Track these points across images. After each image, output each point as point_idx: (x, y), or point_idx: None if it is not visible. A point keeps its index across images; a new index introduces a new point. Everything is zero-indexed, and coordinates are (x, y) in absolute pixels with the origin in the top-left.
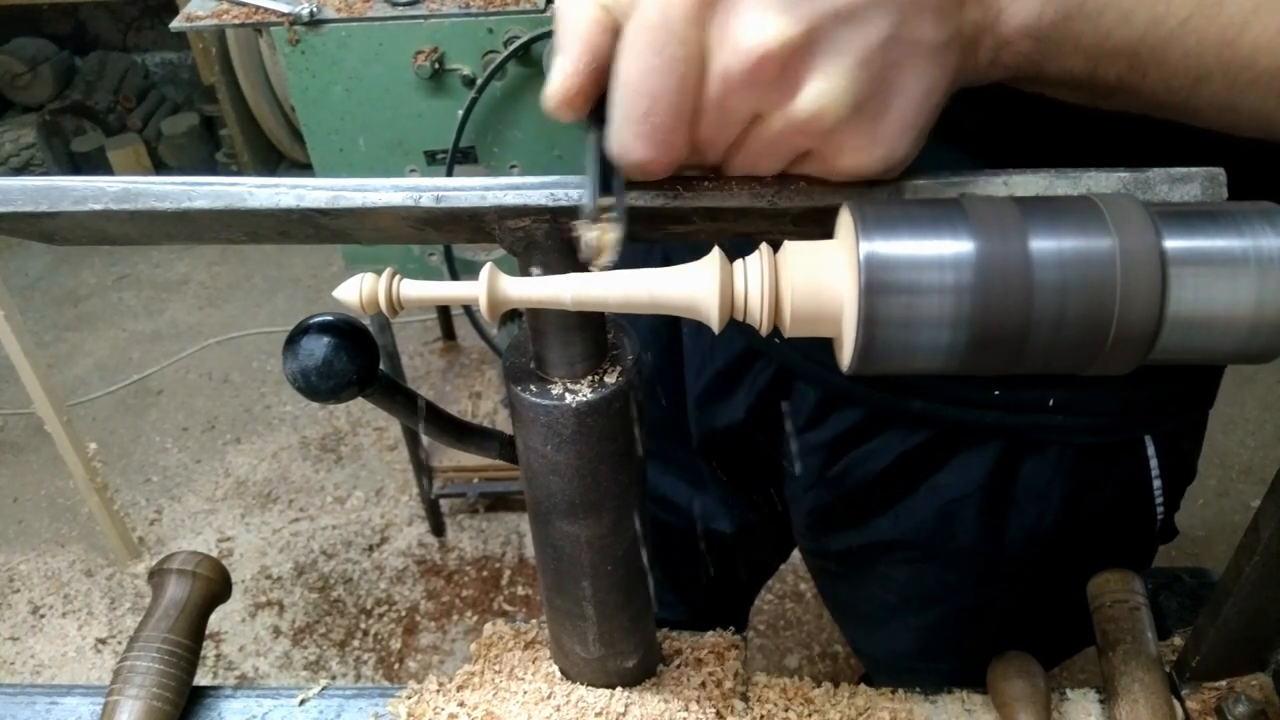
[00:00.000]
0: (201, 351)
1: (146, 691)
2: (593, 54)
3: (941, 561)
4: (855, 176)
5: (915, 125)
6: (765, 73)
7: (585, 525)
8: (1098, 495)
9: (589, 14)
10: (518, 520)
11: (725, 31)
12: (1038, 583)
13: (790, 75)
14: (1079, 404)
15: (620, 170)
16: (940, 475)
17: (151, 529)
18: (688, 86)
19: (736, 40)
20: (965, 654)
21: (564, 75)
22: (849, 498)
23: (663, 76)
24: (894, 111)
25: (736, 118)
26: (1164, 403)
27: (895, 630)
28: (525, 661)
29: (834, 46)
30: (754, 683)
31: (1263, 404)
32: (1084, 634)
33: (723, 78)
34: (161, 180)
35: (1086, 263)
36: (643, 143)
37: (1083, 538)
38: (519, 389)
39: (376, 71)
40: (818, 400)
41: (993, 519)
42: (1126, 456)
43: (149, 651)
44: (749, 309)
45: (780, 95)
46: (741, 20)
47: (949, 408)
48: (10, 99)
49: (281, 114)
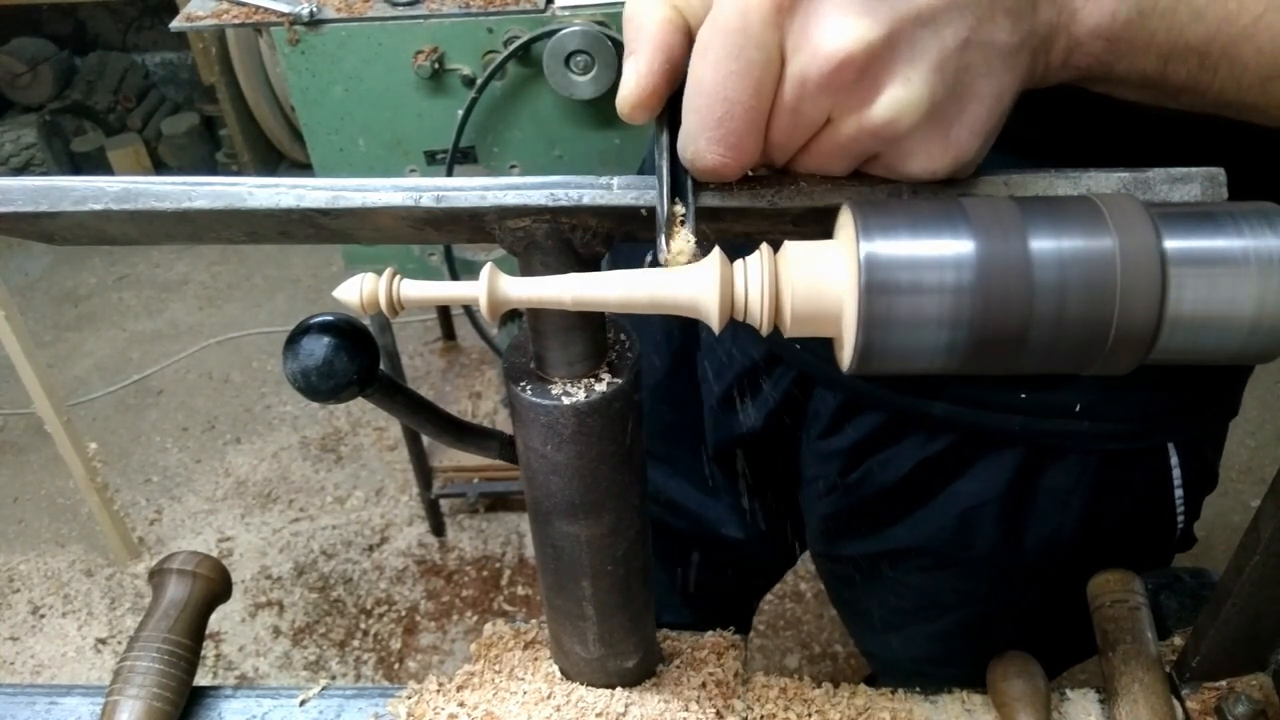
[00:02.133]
0: (201, 351)
1: (147, 691)
2: (666, 55)
3: (958, 569)
4: (923, 179)
5: (986, 129)
6: (844, 77)
7: (585, 525)
8: (1119, 503)
9: (661, 14)
10: (518, 520)
11: (805, 35)
12: (1054, 590)
13: (868, 80)
14: (1104, 409)
15: (691, 173)
16: (960, 482)
17: (151, 529)
18: (765, 91)
19: (816, 44)
20: (978, 659)
21: (638, 77)
22: (868, 504)
23: (740, 81)
24: (967, 115)
25: (810, 120)
26: (1189, 409)
27: (908, 635)
28: (525, 661)
29: (913, 51)
30: (754, 683)
31: (1263, 404)
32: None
33: (800, 82)
34: (161, 180)
35: (1086, 263)
36: (718, 147)
37: (1102, 546)
38: (519, 389)
39: (376, 71)
40: (838, 405)
41: (1012, 527)
42: (1149, 464)
43: (149, 651)
44: (749, 309)
45: (857, 100)
46: (822, 24)
47: (973, 411)
48: (10, 99)
49: (281, 114)
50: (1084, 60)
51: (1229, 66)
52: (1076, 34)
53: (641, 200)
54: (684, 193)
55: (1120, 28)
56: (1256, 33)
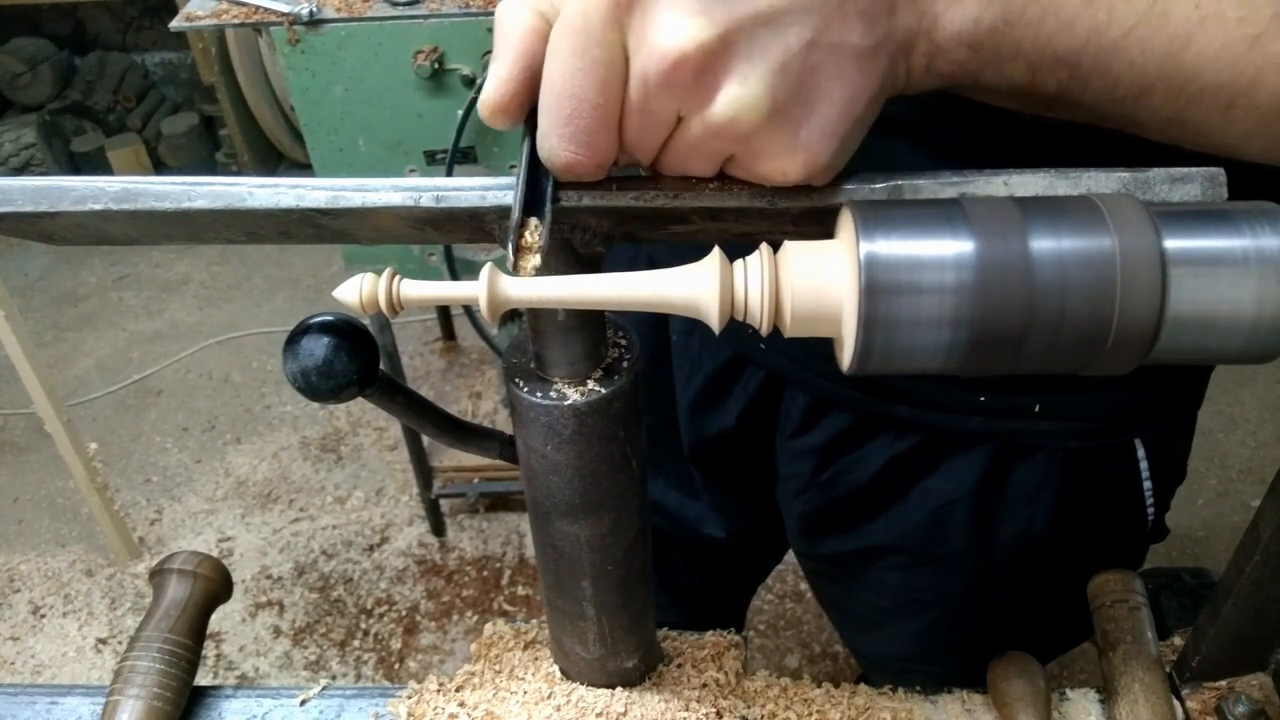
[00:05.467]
0: (201, 351)
1: (147, 692)
2: (526, 61)
3: (934, 566)
4: (776, 182)
5: (839, 132)
6: (681, 75)
7: (585, 525)
8: (1088, 498)
9: (524, 21)
10: (518, 520)
11: (642, 34)
12: (1030, 585)
13: (707, 78)
14: (1065, 409)
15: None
16: (931, 480)
17: (152, 529)
18: (611, 89)
19: (653, 43)
20: (960, 655)
21: (498, 82)
22: (840, 503)
23: (585, 79)
24: (816, 117)
25: (659, 120)
26: (1151, 406)
27: (890, 633)
28: (525, 661)
29: (752, 51)
30: (754, 683)
31: (1263, 404)
32: (1077, 632)
33: (641, 80)
34: (161, 180)
35: (1086, 263)
36: (570, 145)
37: (1074, 540)
38: (519, 389)
39: (376, 71)
40: (807, 405)
41: (984, 524)
42: (1116, 459)
43: (150, 651)
44: (749, 309)
45: (698, 99)
46: (657, 22)
47: (934, 413)
48: (10, 99)
49: (281, 114)
50: (947, 67)
51: (1100, 79)
52: (938, 39)
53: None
54: (542, 197)
55: (984, 34)
56: (1128, 45)
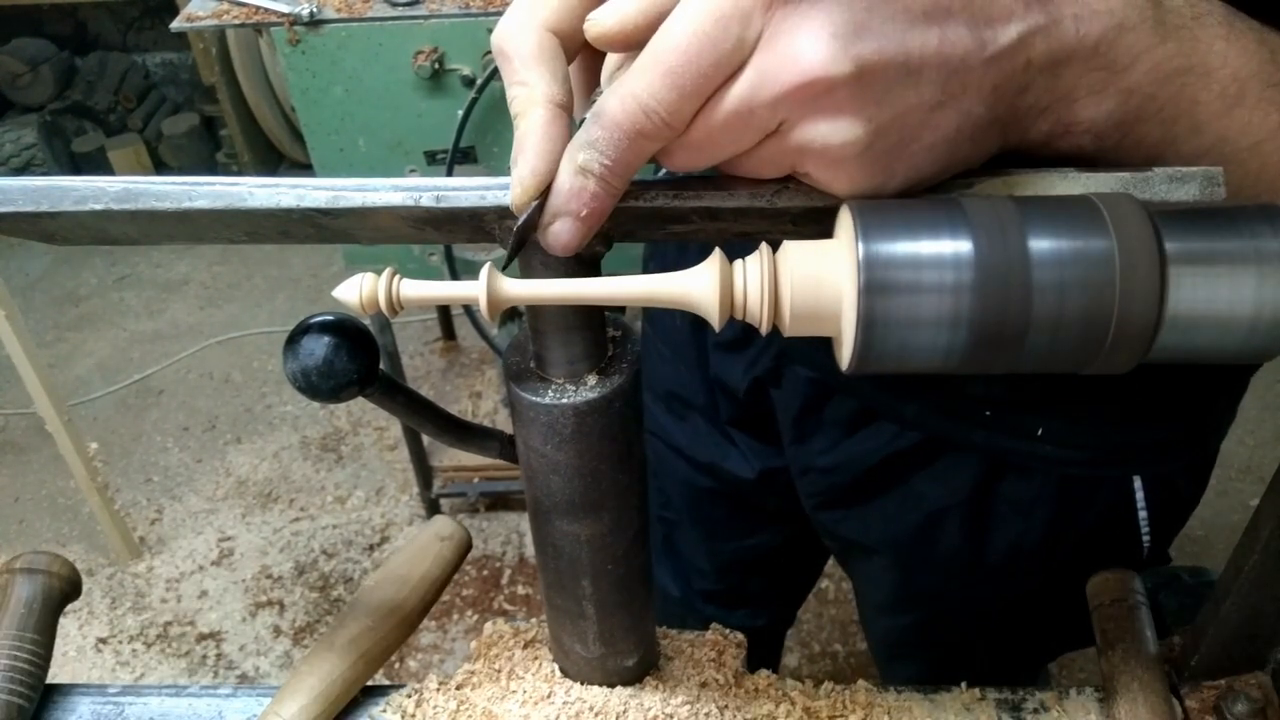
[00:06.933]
0: (202, 351)
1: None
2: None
3: (926, 568)
4: (837, 193)
5: (922, 179)
6: (804, 94)
7: (585, 525)
8: (1081, 519)
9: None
10: (518, 520)
11: (782, 36)
12: (1021, 592)
13: (827, 103)
14: (1066, 436)
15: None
16: (927, 484)
17: (152, 529)
18: (722, 69)
19: (790, 52)
20: (950, 649)
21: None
22: (841, 490)
23: (710, 47)
24: (906, 163)
25: (756, 123)
26: (1154, 445)
27: (883, 625)
28: (525, 661)
29: (881, 95)
30: (754, 682)
31: (1263, 404)
32: (1074, 637)
33: (758, 80)
34: (161, 180)
35: (1086, 263)
36: (656, 95)
37: (1065, 557)
38: (519, 389)
39: (376, 71)
40: (812, 382)
41: (975, 532)
42: (1111, 489)
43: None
44: (749, 308)
45: (810, 119)
46: (802, 32)
47: (940, 418)
48: (10, 99)
49: (281, 114)
50: (1066, 146)
51: None
52: (1067, 121)
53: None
54: None
55: (1113, 128)
56: (1247, 159)
